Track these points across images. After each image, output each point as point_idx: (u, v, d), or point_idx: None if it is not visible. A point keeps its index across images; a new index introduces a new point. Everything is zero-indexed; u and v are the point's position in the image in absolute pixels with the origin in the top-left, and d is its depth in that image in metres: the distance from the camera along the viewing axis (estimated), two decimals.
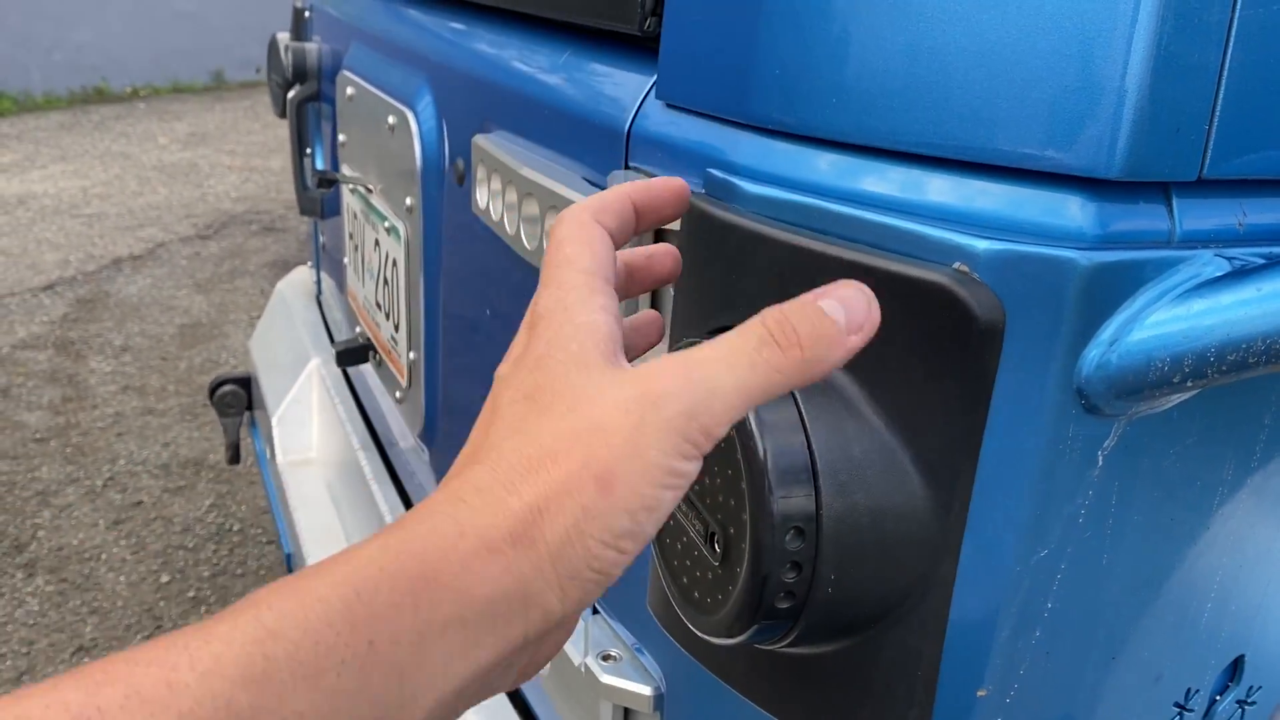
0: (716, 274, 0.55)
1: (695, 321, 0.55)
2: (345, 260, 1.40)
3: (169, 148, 8.23)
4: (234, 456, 1.89)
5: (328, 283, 1.77)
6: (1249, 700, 0.59)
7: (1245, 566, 0.54)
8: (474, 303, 0.98)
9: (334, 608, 0.35)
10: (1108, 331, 0.46)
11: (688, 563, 0.54)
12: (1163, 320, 0.45)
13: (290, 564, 1.49)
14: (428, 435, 1.12)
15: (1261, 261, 0.46)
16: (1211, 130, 0.46)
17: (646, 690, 0.70)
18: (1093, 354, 0.46)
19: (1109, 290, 0.46)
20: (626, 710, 0.72)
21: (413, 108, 1.03)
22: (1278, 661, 0.59)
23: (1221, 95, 0.46)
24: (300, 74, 1.57)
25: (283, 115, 1.81)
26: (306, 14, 1.68)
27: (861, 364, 0.48)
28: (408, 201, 1.06)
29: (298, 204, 1.67)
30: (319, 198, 1.64)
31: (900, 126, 0.49)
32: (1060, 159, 0.46)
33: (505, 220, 0.79)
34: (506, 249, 0.86)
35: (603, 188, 0.68)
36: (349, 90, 1.27)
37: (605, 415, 0.37)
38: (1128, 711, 0.55)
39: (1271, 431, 0.52)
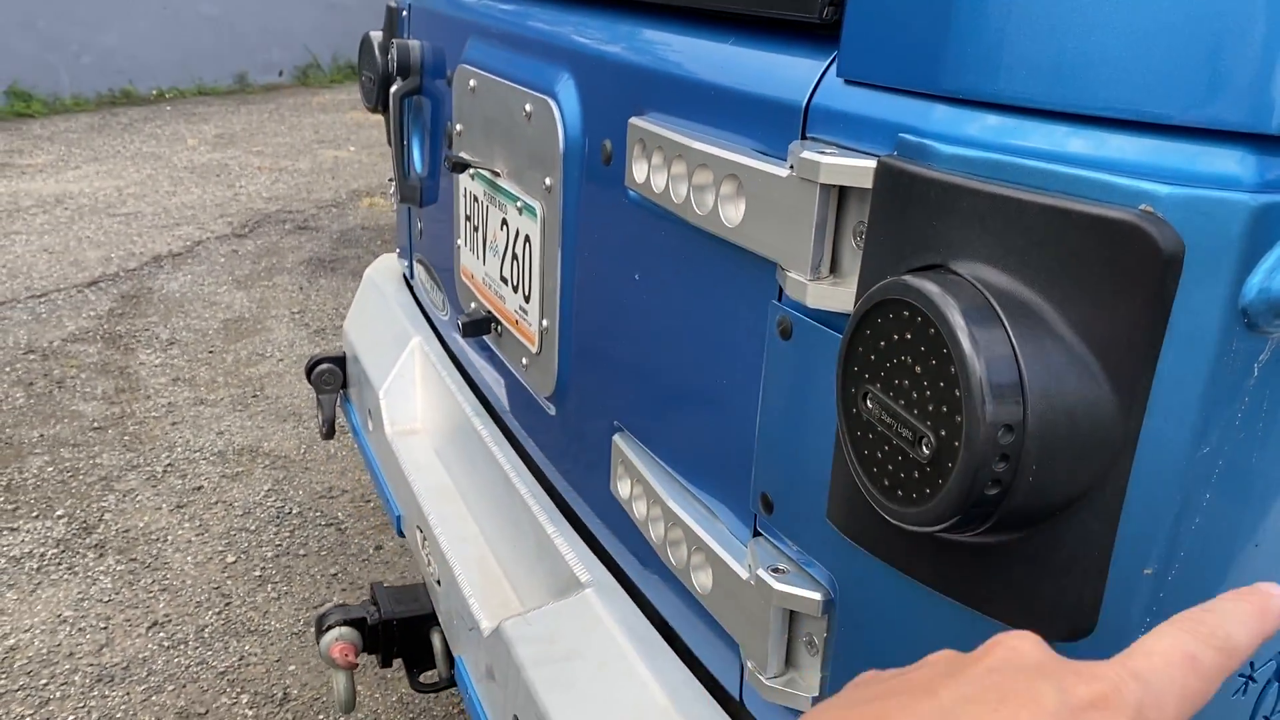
0: (914, 223, 0.64)
1: (895, 262, 0.65)
2: (459, 242, 1.50)
3: (198, 149, 8.35)
4: (330, 431, 1.99)
5: (419, 267, 1.87)
6: None
7: None
8: (613, 272, 1.08)
9: None
10: (1269, 261, 0.55)
11: (890, 466, 0.64)
12: None
13: (400, 526, 1.59)
14: (558, 395, 1.22)
15: None
16: None
17: (817, 595, 0.79)
18: (1255, 280, 0.56)
19: (1269, 227, 0.55)
20: (793, 615, 0.82)
21: (554, 96, 1.13)
22: None
23: None
24: (404, 70, 1.67)
25: (375, 109, 1.91)
26: (403, 13, 1.78)
27: (1060, 289, 0.58)
28: (546, 182, 1.16)
29: (398, 193, 1.77)
30: (419, 186, 1.74)
31: (1089, 94, 0.58)
32: (1227, 118, 0.56)
33: (671, 192, 0.89)
34: (660, 219, 0.96)
35: (780, 159, 0.77)
36: (471, 83, 1.37)
37: None
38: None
39: None
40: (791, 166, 0.74)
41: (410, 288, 1.95)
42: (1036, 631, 0.50)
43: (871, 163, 0.68)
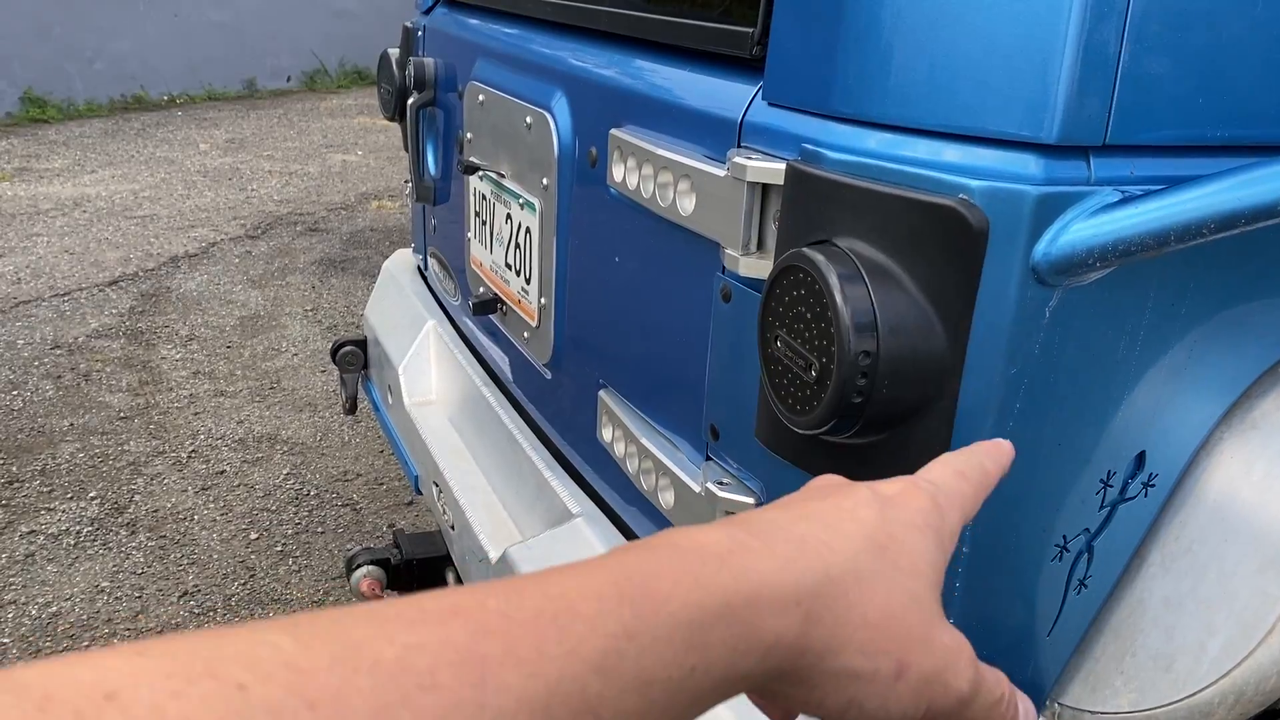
0: (810, 209, 0.87)
1: (798, 239, 0.88)
2: (468, 235, 1.74)
3: (210, 153, 8.58)
4: (352, 407, 2.22)
5: (432, 259, 2.10)
6: (1150, 484, 0.91)
7: (1143, 386, 0.87)
8: (598, 256, 1.31)
9: (679, 626, 0.40)
10: (1049, 233, 0.78)
11: (791, 388, 0.87)
12: (1082, 228, 0.78)
13: (418, 485, 1.82)
14: (554, 362, 1.46)
15: (1140, 193, 0.79)
16: (1110, 117, 0.79)
17: (750, 500, 1.02)
18: (1040, 247, 0.79)
19: (1050, 210, 0.78)
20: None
21: (550, 110, 1.36)
22: (1168, 456, 0.91)
23: (1116, 97, 0.79)
24: (420, 84, 1.90)
25: (392, 119, 2.14)
26: (419, 33, 2.02)
27: (905, 255, 0.81)
28: (544, 182, 1.39)
29: (414, 193, 2.00)
30: (433, 186, 1.97)
31: (925, 116, 0.82)
32: (1019, 132, 0.79)
33: (641, 189, 1.12)
34: (634, 211, 1.19)
35: (721, 162, 1.00)
36: (480, 97, 1.60)
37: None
38: (1071, 481, 0.88)
39: (1157, 297, 0.84)
40: (727, 169, 0.98)
41: (424, 278, 2.18)
42: None
43: (783, 165, 0.91)
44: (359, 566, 1.72)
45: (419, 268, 2.23)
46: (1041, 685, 0.96)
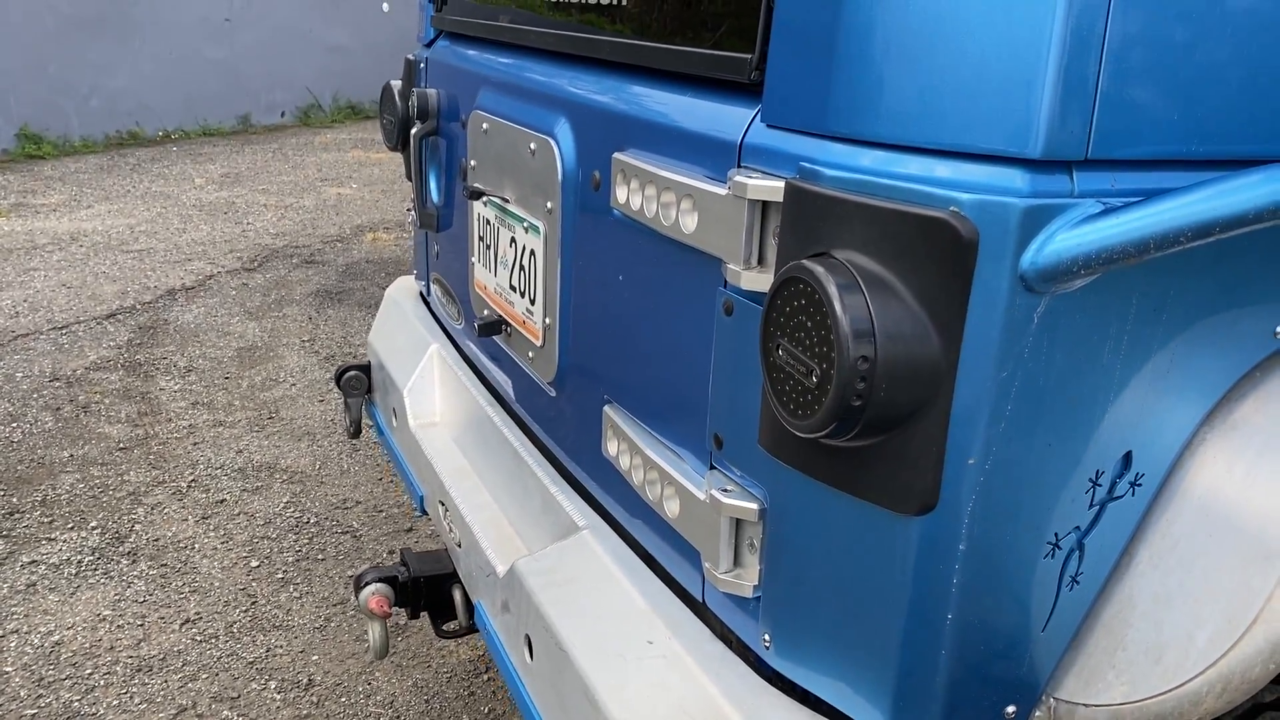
0: (809, 223, 0.92)
1: (797, 252, 0.93)
2: (472, 260, 1.78)
3: (205, 188, 8.64)
4: (356, 430, 2.25)
5: (435, 285, 2.15)
6: (1137, 483, 0.95)
7: (1128, 389, 0.91)
8: (601, 276, 1.36)
9: None
10: (1036, 243, 0.83)
11: (793, 393, 0.91)
12: (1066, 237, 0.83)
13: (422, 505, 1.85)
14: (559, 380, 1.50)
15: (1121, 204, 0.84)
16: (1091, 134, 0.84)
17: (754, 505, 1.06)
18: (1028, 256, 0.83)
19: (1036, 221, 0.83)
20: (739, 523, 1.09)
21: (553, 136, 1.41)
22: (1154, 456, 0.95)
23: (1095, 115, 0.84)
24: (423, 114, 1.95)
25: (395, 149, 2.19)
26: (421, 65, 2.07)
27: (900, 265, 0.85)
28: (548, 205, 1.44)
29: (417, 220, 2.05)
30: (435, 214, 2.02)
31: (917, 134, 0.86)
32: (1008, 149, 0.83)
33: (644, 209, 1.17)
34: (637, 231, 1.24)
35: (722, 182, 1.05)
36: (484, 125, 1.65)
37: None
38: (1062, 481, 0.92)
39: (1139, 304, 0.89)
40: (729, 188, 1.02)
41: (426, 303, 2.22)
42: (895, 508, 0.77)
43: (783, 183, 0.96)
44: (367, 584, 1.75)
45: (421, 293, 2.27)
46: (1036, 681, 0.99)
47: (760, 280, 1.00)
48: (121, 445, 4.11)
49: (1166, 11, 0.84)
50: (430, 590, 1.76)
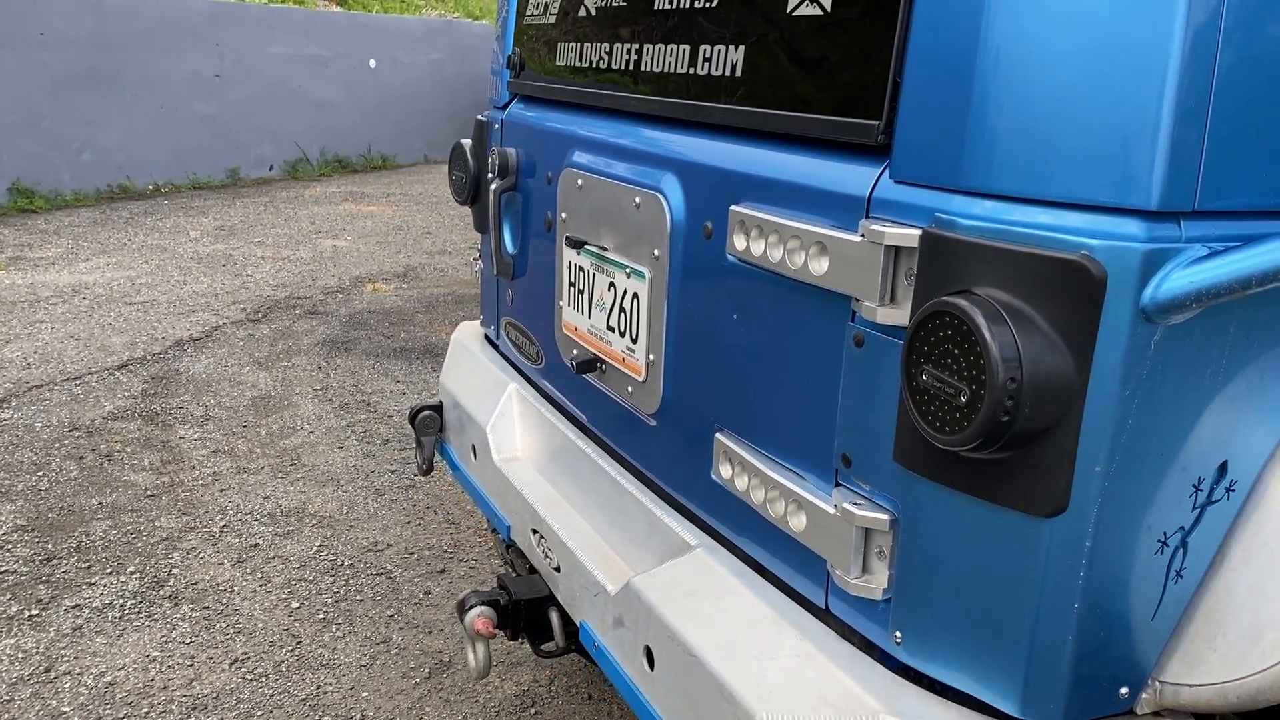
0: (948, 266, 1.07)
1: (936, 290, 1.07)
2: (560, 304, 1.92)
3: (201, 240, 8.72)
4: (429, 468, 2.37)
5: (508, 329, 2.28)
6: (1231, 488, 1.10)
7: (1224, 406, 1.06)
8: (711, 315, 1.50)
9: None
10: (1155, 281, 0.98)
11: (940, 412, 1.05)
12: (1180, 276, 0.98)
13: (509, 535, 1.97)
14: (662, 411, 1.63)
15: (1223, 249, 0.99)
16: (1197, 191, 1.00)
17: (885, 517, 1.20)
18: (1147, 293, 0.98)
19: (1155, 263, 0.98)
20: (867, 532, 1.22)
21: (661, 191, 1.56)
22: (1245, 465, 1.10)
23: (1201, 176, 0.99)
24: (504, 171, 2.10)
25: (466, 203, 2.34)
26: (496, 126, 2.22)
27: (1039, 300, 1.00)
28: (655, 253, 1.58)
29: (495, 269, 2.19)
30: (511, 262, 2.16)
31: (1050, 188, 1.02)
32: (1128, 202, 0.99)
33: (768, 255, 1.32)
34: (753, 274, 1.38)
35: (852, 230, 1.20)
36: (579, 182, 1.80)
37: None
38: (1170, 486, 1.06)
39: (1235, 333, 1.04)
40: (863, 235, 1.17)
41: (495, 346, 2.35)
42: (1031, 512, 0.91)
43: (917, 232, 1.11)
44: (471, 607, 1.85)
45: (487, 336, 2.40)
46: (1145, 665, 1.13)
47: (894, 315, 1.15)
48: (149, 492, 4.18)
49: (1257, 90, 1.00)
50: (530, 613, 1.87)
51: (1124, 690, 1.12)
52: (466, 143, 2.31)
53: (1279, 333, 1.07)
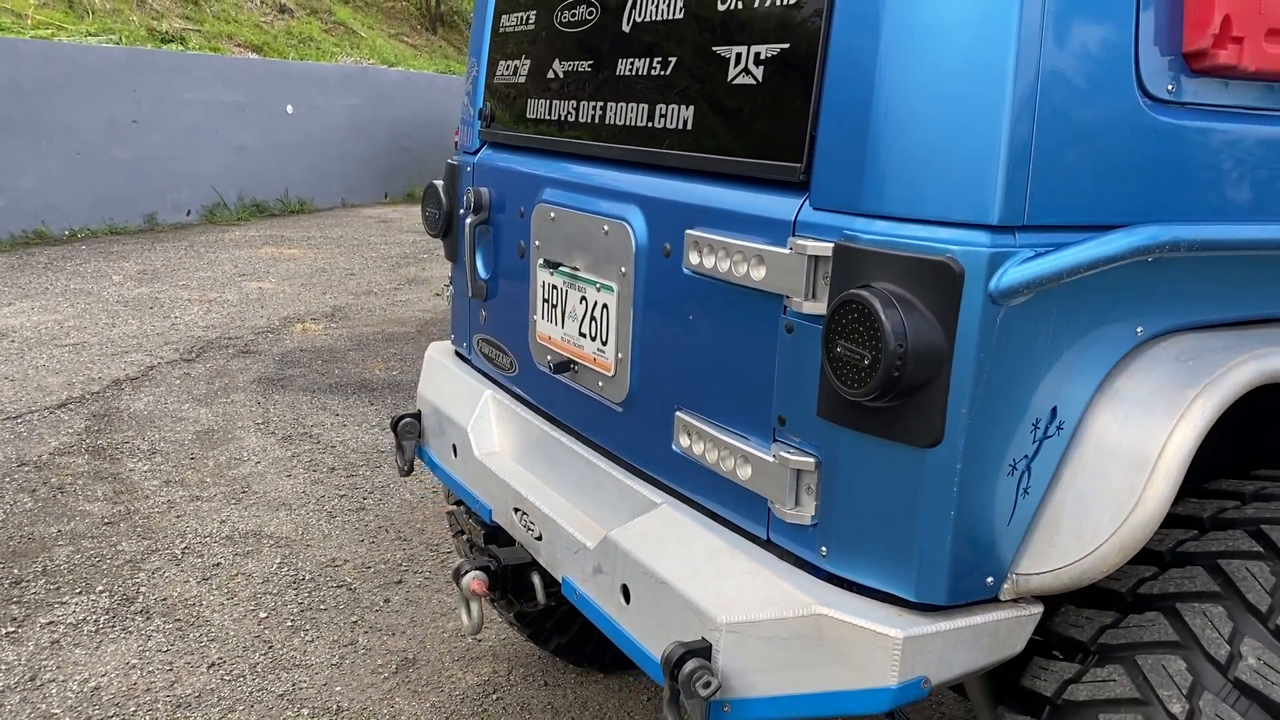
0: (853, 268, 1.47)
1: (845, 286, 1.47)
2: (534, 317, 2.28)
3: (124, 284, 8.80)
4: (409, 469, 2.68)
5: (481, 344, 2.63)
6: (1060, 427, 1.51)
7: (1054, 366, 1.48)
8: (669, 318, 1.88)
9: None
10: (998, 274, 1.40)
11: (850, 373, 1.44)
12: (1014, 271, 1.40)
13: (489, 516, 2.30)
14: (629, 400, 2.00)
15: (1044, 252, 1.41)
16: (1025, 212, 1.42)
17: (812, 460, 1.58)
18: (993, 283, 1.40)
19: (997, 262, 1.40)
20: (799, 474, 1.60)
21: (626, 220, 1.94)
22: (1069, 410, 1.52)
23: (1028, 202, 1.42)
24: (478, 208, 2.46)
25: (438, 236, 2.69)
26: (468, 169, 2.59)
27: (918, 290, 1.41)
28: (622, 270, 1.96)
29: (469, 292, 2.54)
30: (485, 285, 2.51)
31: (923, 210, 1.43)
32: (980, 219, 1.41)
33: (717, 267, 1.71)
34: (705, 283, 1.77)
35: (782, 246, 1.59)
36: (551, 214, 2.17)
37: None
38: (1017, 425, 1.47)
39: (1058, 313, 1.46)
40: (791, 249, 1.57)
41: (466, 360, 2.70)
42: (916, 444, 1.31)
43: (830, 245, 1.51)
44: (467, 572, 2.17)
45: (458, 353, 2.74)
46: (1004, 561, 1.53)
47: (815, 306, 1.54)
48: (107, 520, 4.36)
49: (1063, 144, 1.43)
50: (515, 576, 2.19)
51: (989, 580, 1.52)
52: (439, 183, 2.67)
53: (1090, 313, 1.50)
